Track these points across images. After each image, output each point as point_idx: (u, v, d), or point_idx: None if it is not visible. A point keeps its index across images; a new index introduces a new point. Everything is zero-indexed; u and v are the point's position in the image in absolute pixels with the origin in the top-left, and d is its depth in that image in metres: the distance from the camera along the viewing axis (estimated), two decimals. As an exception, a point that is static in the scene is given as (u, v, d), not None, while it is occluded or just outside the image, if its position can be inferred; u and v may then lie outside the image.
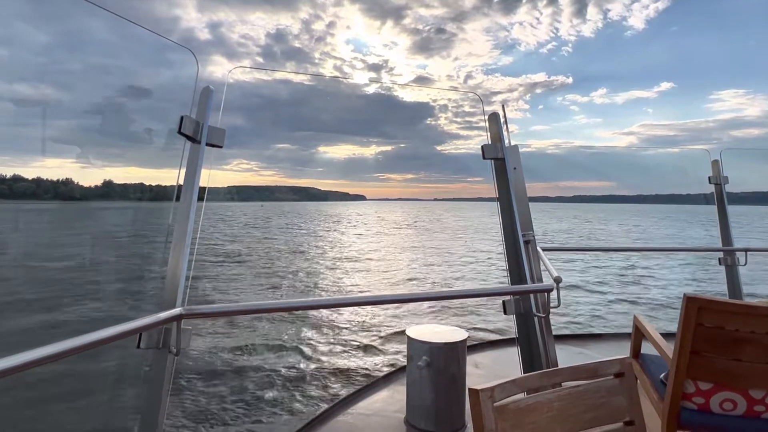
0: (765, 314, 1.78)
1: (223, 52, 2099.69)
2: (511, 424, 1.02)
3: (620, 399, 1.17)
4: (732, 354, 1.85)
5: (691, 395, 1.96)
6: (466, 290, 2.04)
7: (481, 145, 2.18)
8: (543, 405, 1.09)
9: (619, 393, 1.18)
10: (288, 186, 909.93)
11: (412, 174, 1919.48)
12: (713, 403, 1.94)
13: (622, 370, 1.19)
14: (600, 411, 1.15)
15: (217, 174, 1.84)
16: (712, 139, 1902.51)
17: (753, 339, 1.80)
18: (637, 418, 1.17)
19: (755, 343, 1.80)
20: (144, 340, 1.47)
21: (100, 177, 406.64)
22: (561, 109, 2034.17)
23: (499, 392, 1.02)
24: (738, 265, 3.70)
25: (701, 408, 1.96)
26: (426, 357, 2.64)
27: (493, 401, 1.00)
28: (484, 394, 0.99)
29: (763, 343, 1.79)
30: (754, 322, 1.78)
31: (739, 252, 3.71)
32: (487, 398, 0.99)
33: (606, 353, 3.76)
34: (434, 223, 61.97)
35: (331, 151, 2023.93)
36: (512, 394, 1.06)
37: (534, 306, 2.10)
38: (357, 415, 2.91)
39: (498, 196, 2.23)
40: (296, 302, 1.89)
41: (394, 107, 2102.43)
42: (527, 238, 2.20)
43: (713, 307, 1.82)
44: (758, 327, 1.78)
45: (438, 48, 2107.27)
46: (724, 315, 1.82)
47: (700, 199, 4.13)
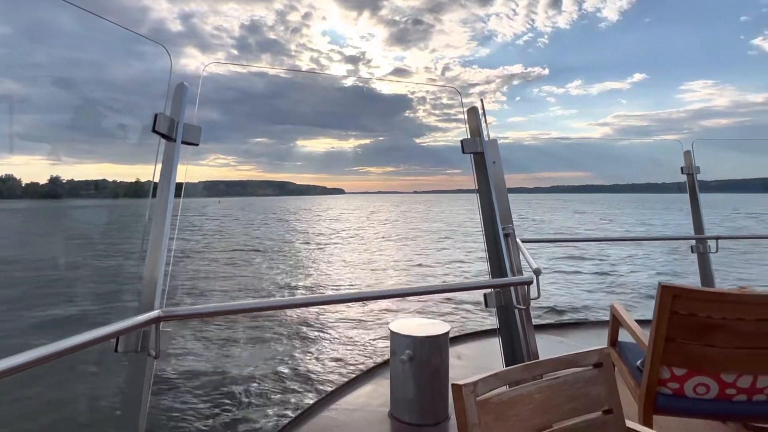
0: (735, 301, 1.84)
1: (197, 44, 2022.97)
2: (494, 417, 1.03)
3: (599, 388, 1.20)
4: (705, 340, 1.90)
5: (667, 381, 2.02)
6: (448, 285, 2.05)
7: (461, 140, 2.19)
8: (524, 397, 1.10)
9: (598, 383, 1.20)
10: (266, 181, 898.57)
11: (392, 167, 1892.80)
12: (687, 388, 2.00)
13: (601, 360, 1.22)
14: (580, 401, 1.18)
15: (192, 170, 1.80)
16: (683, 129, 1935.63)
17: (724, 325, 1.86)
18: (615, 407, 1.19)
19: (726, 329, 1.86)
20: (122, 344, 1.43)
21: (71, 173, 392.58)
22: (538, 101, 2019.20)
23: (481, 386, 1.03)
24: (709, 252, 3.81)
25: (676, 393, 2.02)
26: (409, 350, 2.65)
27: (476, 395, 1.01)
28: (466, 388, 1.00)
29: (733, 328, 1.85)
30: (725, 308, 1.84)
31: (710, 240, 3.82)
32: (470, 393, 1.00)
33: (585, 342, 3.85)
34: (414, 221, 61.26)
35: (309, 145, 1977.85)
36: (495, 388, 1.07)
37: (514, 298, 2.13)
38: (341, 410, 2.91)
39: (477, 189, 2.24)
40: (277, 301, 1.88)
41: (372, 100, 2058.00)
42: (507, 231, 2.22)
43: (687, 294, 1.88)
44: (729, 313, 1.84)
45: (415, 40, 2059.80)
46: (697, 302, 1.88)
47: (673, 188, 4.23)
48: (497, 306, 2.13)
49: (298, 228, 42.49)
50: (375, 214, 74.40)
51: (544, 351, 1.84)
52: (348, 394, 3.10)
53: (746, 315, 1.83)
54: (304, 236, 33.59)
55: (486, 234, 2.22)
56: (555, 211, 70.54)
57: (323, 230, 39.43)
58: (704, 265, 3.80)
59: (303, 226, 44.63)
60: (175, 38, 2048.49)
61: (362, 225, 46.70)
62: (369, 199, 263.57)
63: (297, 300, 1.82)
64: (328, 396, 3.09)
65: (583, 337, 4.06)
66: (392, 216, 66.96)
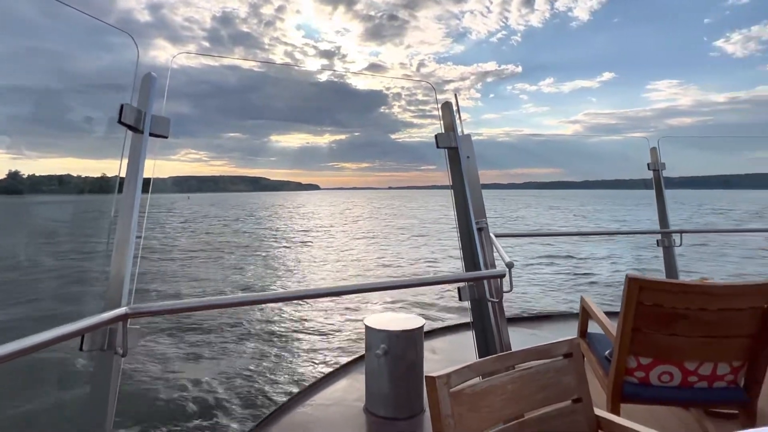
0: (698, 292, 1.90)
1: (167, 35, 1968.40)
2: (467, 408, 1.04)
3: (569, 378, 1.23)
4: (669, 330, 1.97)
5: (633, 370, 2.08)
6: (422, 278, 2.05)
7: (435, 135, 2.20)
8: (497, 388, 1.12)
9: (568, 372, 1.23)
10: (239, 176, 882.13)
11: (367, 163, 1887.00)
12: (652, 376, 2.07)
13: (570, 350, 1.24)
14: (551, 390, 1.20)
15: (163, 164, 1.75)
16: (649, 127, 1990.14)
17: (687, 315, 1.92)
18: (584, 395, 1.22)
19: (689, 319, 1.92)
20: (87, 342, 1.39)
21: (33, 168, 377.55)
22: (511, 98, 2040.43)
23: (455, 378, 1.04)
24: (674, 246, 3.94)
25: (642, 381, 2.09)
26: (384, 345, 2.67)
27: (449, 387, 1.02)
28: (440, 380, 1.01)
29: (696, 318, 1.92)
30: (689, 299, 1.91)
31: (675, 234, 3.95)
32: (443, 385, 1.01)
33: (557, 333, 3.93)
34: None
35: (283, 140, 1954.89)
36: (468, 379, 1.08)
37: (488, 291, 2.16)
38: (317, 406, 2.90)
39: (452, 184, 2.26)
40: (250, 296, 1.83)
41: (347, 95, 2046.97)
42: (480, 226, 2.25)
43: (652, 286, 1.94)
44: (692, 304, 1.91)
45: (390, 35, 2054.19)
46: (662, 293, 1.94)
47: (640, 184, 4.36)
48: (471, 299, 2.16)
49: (268, 225, 41.52)
50: (349, 210, 73.14)
51: (517, 343, 1.87)
52: (323, 390, 3.10)
53: (708, 305, 1.90)
54: (274, 234, 32.74)
55: (460, 228, 2.25)
56: (529, 207, 71.39)
57: (295, 227, 38.60)
58: (669, 258, 3.94)
59: (274, 224, 43.52)
60: (144, 29, 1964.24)
61: (334, 222, 45.86)
62: (344, 195, 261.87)
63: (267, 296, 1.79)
64: (304, 392, 3.07)
65: (554, 328, 4.15)
66: (366, 212, 66.08)
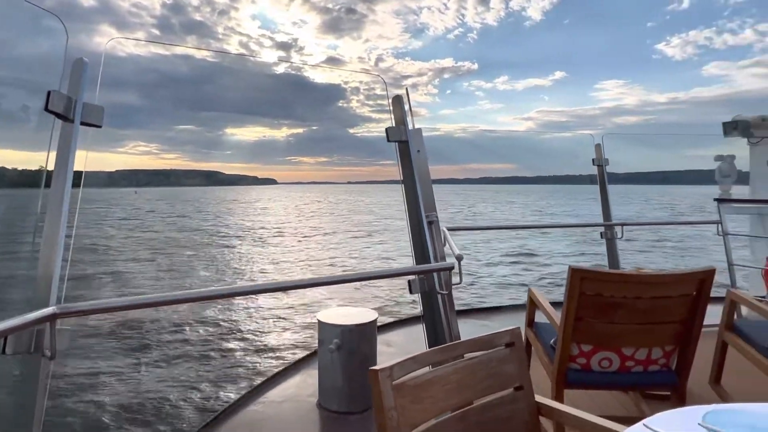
0: (634, 281, 2.00)
1: (112, 21, 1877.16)
2: (410, 399, 1.05)
3: (511, 367, 1.26)
4: (608, 318, 2.06)
5: (576, 357, 2.17)
6: (372, 272, 2.05)
7: (386, 128, 2.19)
8: (441, 378, 1.13)
9: (510, 361, 1.26)
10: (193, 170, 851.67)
11: (325, 157, 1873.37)
12: (593, 363, 2.16)
13: (512, 340, 1.28)
14: (493, 380, 1.23)
15: (110, 157, 1.64)
16: (597, 125, 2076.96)
17: (625, 303, 2.02)
18: (525, 383, 1.26)
19: (626, 307, 2.02)
20: (11, 344, 1.29)
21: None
22: (467, 94, 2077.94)
23: (398, 370, 1.04)
24: (616, 238, 4.13)
25: (584, 368, 2.18)
26: (337, 340, 2.65)
27: (392, 380, 1.02)
28: (383, 373, 1.01)
29: (632, 306, 2.02)
30: (626, 288, 2.01)
31: (617, 226, 4.14)
32: (386, 377, 1.01)
33: (507, 324, 4.04)
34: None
35: (239, 133, 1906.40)
36: (412, 371, 1.08)
37: (437, 284, 2.18)
38: (268, 404, 2.85)
39: (402, 178, 2.26)
40: (190, 293, 1.74)
41: (305, 88, 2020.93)
42: (430, 219, 2.27)
43: (593, 276, 2.02)
44: (629, 292, 2.01)
45: (349, 29, 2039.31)
46: (602, 283, 2.03)
47: (588, 179, 4.54)
48: (421, 292, 2.18)
49: (218, 221, 39.78)
50: (306, 205, 71.30)
51: (468, 334, 1.90)
52: (276, 387, 3.05)
53: (643, 294, 2.01)
54: (224, 230, 31.38)
55: (410, 221, 2.26)
56: (487, 202, 72.60)
57: (246, 223, 37.20)
58: (611, 249, 4.13)
59: (225, 220, 41.70)
60: (88, 14, 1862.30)
61: (289, 218, 44.50)
62: (301, 189, 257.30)
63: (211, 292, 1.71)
64: (255, 389, 3.02)
65: (504, 319, 4.26)
66: (323, 207, 64.67)
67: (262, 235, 28.76)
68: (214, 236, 27.59)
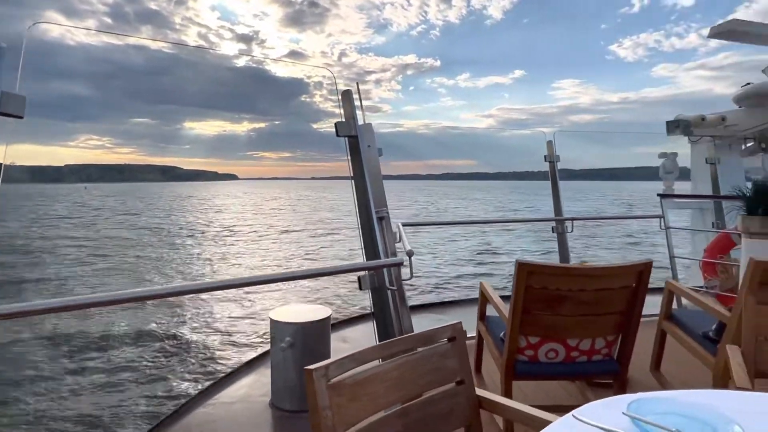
0: (577, 274, 2.06)
1: (60, 7, 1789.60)
2: (347, 398, 1.03)
3: (452, 361, 1.26)
4: (554, 310, 2.12)
5: (524, 349, 2.22)
6: (321, 269, 2.02)
7: (335, 123, 2.17)
8: (380, 375, 1.12)
9: (452, 356, 1.27)
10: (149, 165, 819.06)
11: (288, 152, 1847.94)
12: (540, 354, 2.22)
13: (454, 334, 1.28)
14: (435, 375, 1.23)
15: (58, 151, 1.52)
16: (555, 123, 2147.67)
17: (569, 296, 2.08)
18: (466, 377, 1.27)
19: (571, 299, 2.08)
20: None
21: None
22: (430, 91, 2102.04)
23: (334, 369, 1.02)
24: (567, 232, 4.26)
25: (531, 359, 2.23)
26: (289, 338, 2.61)
27: (328, 379, 1.00)
28: (317, 372, 0.99)
29: (576, 299, 2.08)
30: (570, 281, 2.06)
31: (567, 221, 4.27)
32: (321, 376, 0.99)
33: (462, 318, 4.11)
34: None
35: (198, 127, 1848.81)
36: (349, 369, 1.07)
37: (388, 280, 2.18)
38: (219, 405, 2.78)
39: (352, 173, 2.24)
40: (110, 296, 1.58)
41: (266, 82, 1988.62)
42: (381, 215, 2.26)
43: (539, 270, 2.07)
44: (573, 285, 2.06)
45: (311, 22, 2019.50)
46: (548, 277, 2.08)
47: (544, 176, 4.66)
48: (371, 288, 2.17)
49: (168, 219, 37.71)
50: (266, 202, 68.84)
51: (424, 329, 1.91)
52: (227, 387, 2.98)
53: (586, 286, 2.07)
54: (174, 229, 29.43)
55: (360, 217, 2.24)
56: (451, 198, 72.92)
57: (200, 221, 35.30)
58: (562, 243, 4.25)
59: (178, 217, 39.42)
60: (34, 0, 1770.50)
61: (246, 215, 42.66)
62: (263, 185, 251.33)
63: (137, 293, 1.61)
64: (206, 390, 2.94)
65: (459, 313, 4.33)
66: (282, 204, 62.60)
67: (215, 233, 27.36)
68: (162, 235, 26.05)
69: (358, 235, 2.26)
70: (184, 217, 40.54)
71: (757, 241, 2.93)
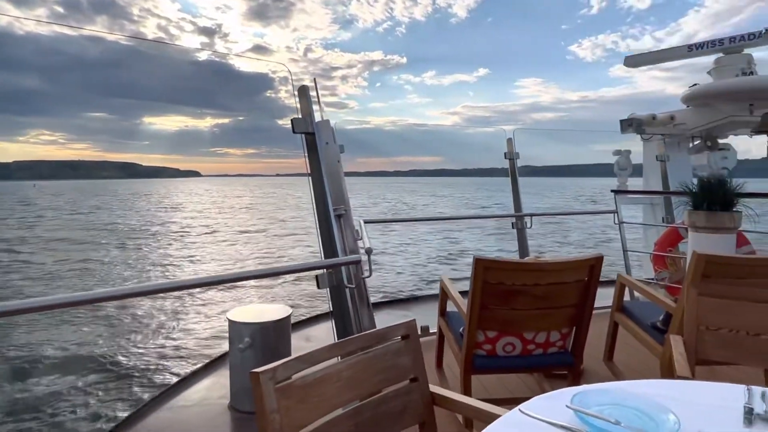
0: (532, 269, 2.11)
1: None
2: (296, 400, 1.01)
3: (406, 359, 1.26)
4: (510, 304, 2.16)
5: (482, 343, 2.25)
6: (278, 268, 1.99)
7: (291, 119, 2.13)
8: (332, 376, 1.11)
9: (405, 354, 1.27)
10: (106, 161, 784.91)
11: (253, 149, 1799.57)
12: (498, 348, 2.25)
13: (407, 332, 1.28)
14: (388, 373, 1.23)
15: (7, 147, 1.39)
16: (518, 121, 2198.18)
17: (524, 290, 2.12)
18: (420, 374, 1.27)
19: (525, 294, 2.12)
20: None
21: None
22: (396, 88, 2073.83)
23: (282, 371, 1.00)
24: (526, 228, 4.36)
25: (489, 353, 2.26)
26: (247, 339, 2.56)
27: (276, 381, 0.98)
28: (264, 375, 0.97)
29: (531, 293, 2.12)
30: (524, 276, 2.10)
31: (526, 217, 4.37)
32: (268, 379, 0.97)
33: (426, 313, 4.14)
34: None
35: (158, 123, 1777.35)
36: (299, 371, 1.05)
37: (346, 278, 2.16)
38: (176, 409, 2.70)
39: (309, 171, 2.21)
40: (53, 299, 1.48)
41: (230, 77, 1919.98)
42: (339, 213, 2.24)
43: (495, 266, 2.10)
44: (527, 280, 2.11)
45: (276, 17, 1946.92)
46: (504, 272, 2.11)
47: (506, 173, 4.74)
48: (330, 286, 2.15)
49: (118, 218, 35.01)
50: (227, 200, 65.88)
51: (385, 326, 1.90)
52: (184, 391, 2.90)
53: (541, 280, 2.12)
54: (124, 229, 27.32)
55: (318, 215, 2.22)
56: (420, 195, 72.58)
57: (154, 220, 33.02)
58: (522, 239, 4.35)
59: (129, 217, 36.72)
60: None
61: (205, 214, 40.31)
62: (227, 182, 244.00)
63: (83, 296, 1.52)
64: (162, 395, 2.85)
65: (422, 309, 4.36)
66: (245, 202, 59.83)
67: (166, 234, 25.60)
68: (109, 236, 24.16)
69: (316, 232, 2.23)
70: (138, 216, 38.05)
71: (702, 234, 3.09)
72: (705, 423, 0.88)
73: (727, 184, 3.03)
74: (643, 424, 0.86)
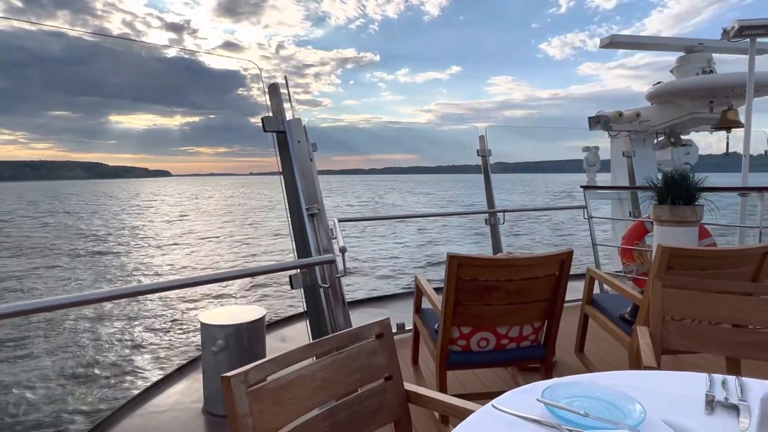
0: (504, 265, 2.14)
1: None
2: (270, 403, 1.00)
3: (380, 358, 1.26)
4: (483, 300, 2.18)
5: (457, 339, 2.27)
6: (251, 269, 1.96)
7: (261, 117, 2.10)
8: (306, 377, 1.10)
9: (380, 352, 1.27)
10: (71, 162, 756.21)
11: (225, 147, 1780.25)
12: (473, 343, 2.28)
13: (382, 331, 1.28)
14: (363, 372, 1.22)
15: None
16: (490, 118, 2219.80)
17: (497, 286, 2.15)
18: (395, 373, 1.27)
19: (498, 289, 2.15)
20: None
21: None
22: (370, 86, 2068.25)
23: (254, 374, 0.99)
24: (499, 224, 4.42)
25: (464, 349, 2.29)
26: (221, 341, 2.52)
27: (248, 385, 0.97)
28: (236, 379, 0.95)
29: (503, 288, 2.15)
30: (497, 272, 2.13)
31: (499, 213, 4.43)
32: (240, 383, 0.95)
33: (402, 310, 4.16)
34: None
35: (126, 121, 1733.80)
36: (271, 374, 1.04)
37: (320, 277, 2.15)
38: (148, 414, 2.64)
39: (281, 170, 2.18)
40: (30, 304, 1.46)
41: (200, 74, 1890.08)
42: (312, 212, 2.22)
43: (468, 262, 2.12)
44: (500, 276, 2.14)
45: (247, 13, 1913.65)
46: (476, 268, 2.13)
47: (479, 169, 4.79)
48: (303, 286, 2.13)
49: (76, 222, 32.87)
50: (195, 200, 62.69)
51: None
52: (157, 396, 2.83)
53: (513, 276, 2.15)
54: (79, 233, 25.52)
55: (291, 215, 2.19)
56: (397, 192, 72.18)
57: (111, 224, 30.96)
58: (495, 234, 4.41)
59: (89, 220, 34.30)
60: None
61: (170, 217, 37.82)
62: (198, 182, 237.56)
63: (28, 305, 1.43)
64: (133, 400, 2.77)
65: (400, 306, 4.38)
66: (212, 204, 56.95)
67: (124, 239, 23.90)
68: (61, 241, 22.72)
69: (289, 232, 2.21)
70: (95, 220, 35.71)
71: (666, 228, 3.19)
72: (669, 411, 0.91)
73: (689, 179, 3.14)
74: (611, 415, 0.89)
